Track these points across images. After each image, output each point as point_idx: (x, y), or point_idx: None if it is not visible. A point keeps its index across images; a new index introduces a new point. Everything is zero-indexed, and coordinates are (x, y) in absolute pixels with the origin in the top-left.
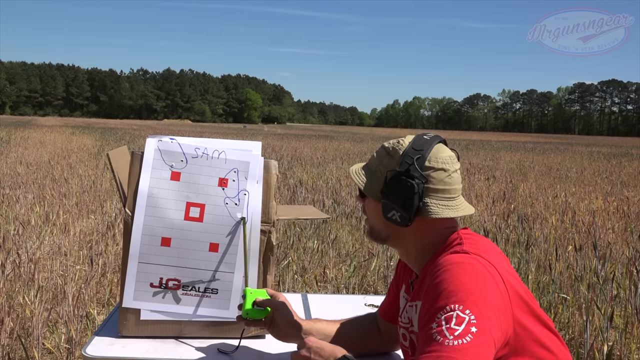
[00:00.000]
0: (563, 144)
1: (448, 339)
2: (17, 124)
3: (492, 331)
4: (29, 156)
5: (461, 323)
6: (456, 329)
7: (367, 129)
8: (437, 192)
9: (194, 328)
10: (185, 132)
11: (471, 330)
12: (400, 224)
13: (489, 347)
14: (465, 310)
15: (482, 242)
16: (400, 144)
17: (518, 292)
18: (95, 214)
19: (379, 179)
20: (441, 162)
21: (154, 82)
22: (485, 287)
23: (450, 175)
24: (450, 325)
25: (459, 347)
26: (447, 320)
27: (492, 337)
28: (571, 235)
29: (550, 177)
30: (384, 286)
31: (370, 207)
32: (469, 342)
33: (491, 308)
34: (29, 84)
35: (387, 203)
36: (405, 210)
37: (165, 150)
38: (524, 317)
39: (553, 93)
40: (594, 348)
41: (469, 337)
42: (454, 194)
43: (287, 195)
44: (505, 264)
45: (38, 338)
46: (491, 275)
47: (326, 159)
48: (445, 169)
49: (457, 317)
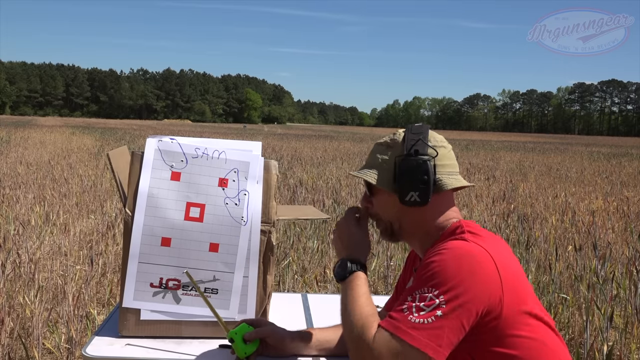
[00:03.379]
0: (563, 144)
1: (412, 315)
2: (17, 124)
3: (460, 318)
4: (29, 156)
5: (430, 305)
6: (423, 309)
7: (367, 129)
8: (445, 167)
9: (194, 328)
10: (185, 132)
11: (436, 313)
12: (420, 203)
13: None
14: (440, 296)
15: (482, 232)
16: (396, 135)
17: (515, 287)
18: (95, 214)
19: (388, 169)
20: (439, 141)
21: (154, 82)
22: (472, 277)
23: (450, 152)
24: (420, 304)
25: (418, 325)
26: (421, 299)
27: (457, 323)
28: (571, 235)
29: (550, 177)
30: (384, 286)
31: (383, 201)
32: (429, 323)
33: (470, 297)
34: (29, 84)
35: (402, 187)
36: (422, 189)
37: (165, 150)
38: (517, 311)
39: (553, 93)
40: (594, 348)
41: (430, 319)
42: (455, 169)
43: (287, 195)
44: (506, 254)
45: (38, 338)
46: (482, 267)
47: (326, 159)
48: (445, 146)
49: (429, 299)
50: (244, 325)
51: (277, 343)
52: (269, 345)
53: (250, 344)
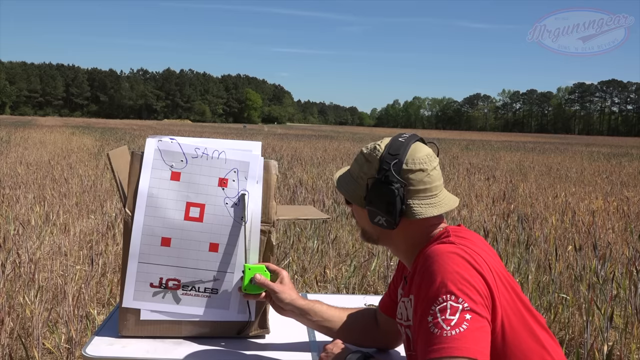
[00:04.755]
0: (563, 144)
1: (446, 330)
2: (17, 124)
3: (484, 313)
4: (29, 156)
5: (455, 312)
6: (452, 319)
7: (367, 129)
8: (419, 192)
9: (194, 328)
10: (185, 132)
11: (466, 317)
12: (386, 227)
13: (485, 330)
14: (458, 299)
15: (470, 234)
16: (377, 150)
17: (509, 282)
18: (95, 214)
19: (361, 186)
20: (418, 163)
21: (154, 82)
22: (473, 274)
23: (429, 174)
24: (446, 316)
25: (457, 336)
26: (442, 311)
27: (486, 319)
28: (571, 235)
29: (550, 177)
30: (384, 286)
31: (358, 212)
32: (466, 329)
33: (481, 292)
34: (29, 84)
35: (372, 209)
36: (389, 215)
37: (165, 150)
38: (514, 305)
39: (553, 93)
40: (594, 348)
41: (464, 325)
42: (435, 191)
43: (287, 195)
44: (493, 257)
45: (38, 338)
46: (477, 263)
47: (326, 159)
48: (424, 169)
49: (450, 307)
50: (261, 268)
51: (279, 304)
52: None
53: (254, 286)
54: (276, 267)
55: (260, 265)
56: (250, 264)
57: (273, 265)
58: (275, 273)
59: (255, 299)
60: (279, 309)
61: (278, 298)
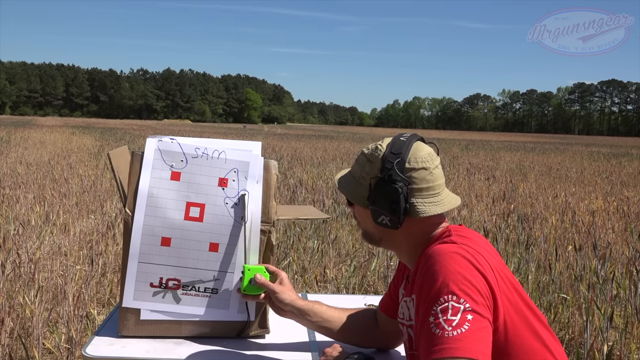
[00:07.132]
0: (563, 144)
1: (447, 331)
2: (17, 124)
3: (485, 314)
4: (29, 156)
5: (457, 313)
6: (453, 320)
7: (367, 129)
8: (422, 191)
9: (194, 328)
10: (185, 132)
11: (467, 318)
12: (390, 227)
13: (486, 331)
14: (460, 300)
15: (471, 234)
16: (378, 150)
17: (511, 281)
18: (95, 214)
19: (364, 187)
20: (421, 161)
21: (154, 82)
22: (474, 274)
23: (432, 173)
24: (447, 317)
25: (459, 336)
26: (443, 311)
27: (487, 320)
28: (571, 235)
29: (550, 177)
30: (384, 286)
31: (360, 213)
32: (467, 330)
33: (482, 293)
34: (29, 84)
35: (375, 209)
36: (393, 214)
37: (165, 150)
38: (516, 304)
39: (553, 93)
40: (594, 348)
41: (466, 325)
42: (438, 189)
43: (287, 195)
44: (495, 256)
45: (38, 338)
46: (478, 263)
47: (326, 159)
48: (426, 167)
49: (452, 307)
50: (261, 268)
51: (278, 304)
52: (275, 301)
53: (254, 287)
54: (275, 269)
55: (259, 267)
56: (249, 265)
57: (272, 267)
58: (274, 274)
59: (255, 299)
60: (279, 310)
61: (278, 298)
